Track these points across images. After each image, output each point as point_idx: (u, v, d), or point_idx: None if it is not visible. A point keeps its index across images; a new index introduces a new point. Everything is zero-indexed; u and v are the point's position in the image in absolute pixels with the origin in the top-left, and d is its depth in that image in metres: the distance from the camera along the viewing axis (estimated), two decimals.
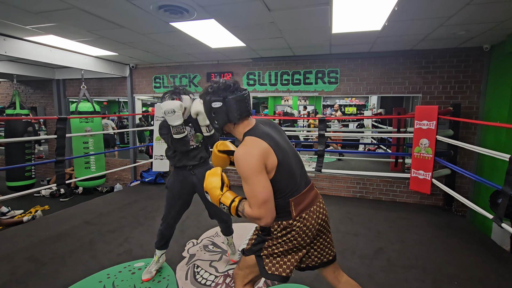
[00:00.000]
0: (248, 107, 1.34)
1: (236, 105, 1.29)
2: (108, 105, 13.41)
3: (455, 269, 2.37)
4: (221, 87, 1.30)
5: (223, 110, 1.29)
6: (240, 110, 1.29)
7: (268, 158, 1.21)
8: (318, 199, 1.39)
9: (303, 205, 1.30)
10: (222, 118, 1.31)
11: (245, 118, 1.33)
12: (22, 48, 3.79)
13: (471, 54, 3.81)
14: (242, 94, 1.31)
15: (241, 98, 1.30)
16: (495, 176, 3.36)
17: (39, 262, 2.39)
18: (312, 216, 1.31)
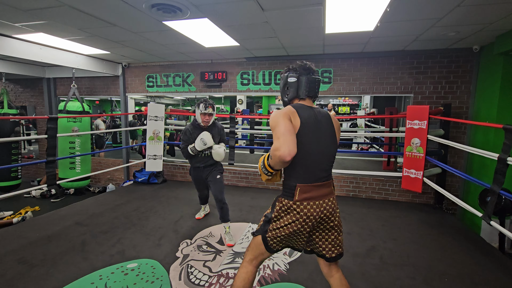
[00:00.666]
0: (315, 90, 1.52)
1: (306, 83, 1.49)
2: (100, 104, 13.24)
3: (445, 266, 2.41)
4: (299, 66, 1.53)
5: (295, 86, 1.50)
6: (308, 89, 1.49)
7: (294, 118, 1.37)
8: (329, 197, 1.45)
9: (308, 195, 1.39)
10: (292, 92, 1.51)
11: (310, 98, 1.52)
12: (11, 46, 3.71)
13: (461, 55, 3.88)
14: (314, 77, 1.50)
15: (312, 80, 1.50)
16: (484, 175, 3.43)
17: (29, 264, 2.35)
18: (315, 208, 1.39)
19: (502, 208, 2.65)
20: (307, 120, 1.40)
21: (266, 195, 4.37)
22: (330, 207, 1.44)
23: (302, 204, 1.39)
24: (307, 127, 1.38)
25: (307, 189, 1.40)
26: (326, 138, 1.45)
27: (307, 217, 1.39)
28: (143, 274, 2.23)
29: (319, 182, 1.42)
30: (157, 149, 4.69)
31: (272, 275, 2.26)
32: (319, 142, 1.42)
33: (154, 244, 2.72)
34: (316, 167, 1.42)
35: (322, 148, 1.43)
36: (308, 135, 1.38)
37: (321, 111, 1.50)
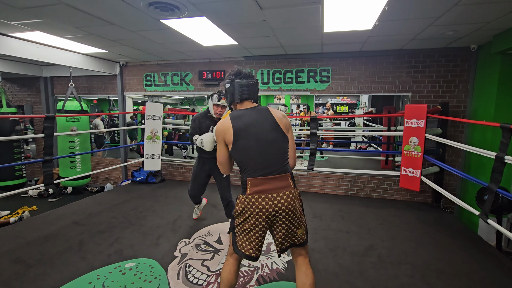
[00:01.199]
0: (249, 92, 1.61)
1: (239, 87, 1.59)
2: (98, 103, 13.17)
3: (443, 264, 2.42)
4: (233, 72, 1.64)
5: (230, 91, 1.63)
6: (241, 92, 1.59)
7: (226, 134, 1.53)
8: (284, 190, 1.48)
9: (259, 188, 1.46)
10: (229, 97, 1.65)
11: (245, 100, 1.61)
12: (8, 44, 3.68)
13: (459, 54, 3.89)
14: (247, 80, 1.60)
15: (244, 84, 1.59)
16: (482, 174, 3.45)
17: (26, 264, 2.34)
18: (267, 201, 1.45)
19: (499, 207, 2.67)
20: (241, 126, 1.51)
21: None
22: (286, 201, 1.46)
23: (254, 197, 1.46)
24: (241, 133, 1.50)
25: (257, 182, 1.47)
26: (266, 133, 1.51)
27: (259, 210, 1.45)
28: (141, 274, 2.22)
29: (270, 175, 1.48)
30: (155, 149, 4.68)
31: (270, 274, 2.26)
32: (259, 139, 1.49)
33: (152, 244, 2.71)
34: (263, 161, 1.48)
35: (264, 143, 1.49)
36: (245, 138, 1.50)
37: (260, 109, 1.58)
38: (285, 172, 1.51)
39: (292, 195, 1.49)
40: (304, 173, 4.61)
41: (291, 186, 1.51)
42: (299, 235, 1.55)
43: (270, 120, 1.54)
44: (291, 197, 1.48)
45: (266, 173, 1.47)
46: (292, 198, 1.49)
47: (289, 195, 1.48)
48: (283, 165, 1.52)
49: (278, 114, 1.58)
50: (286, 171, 1.52)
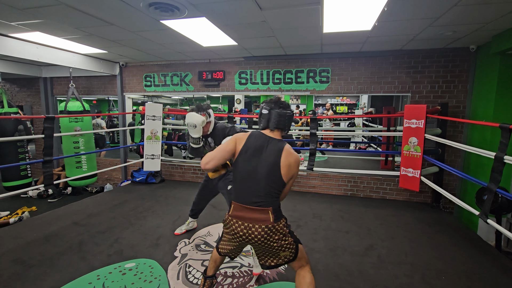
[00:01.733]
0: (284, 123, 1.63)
1: (276, 117, 1.61)
2: (97, 104, 13.18)
3: (442, 264, 2.43)
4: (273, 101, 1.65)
5: (266, 117, 1.64)
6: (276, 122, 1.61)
7: (239, 144, 1.59)
8: (261, 223, 1.49)
9: (238, 214, 1.54)
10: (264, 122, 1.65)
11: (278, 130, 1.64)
12: (7, 45, 3.68)
13: (458, 55, 3.90)
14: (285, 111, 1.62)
15: (282, 114, 1.61)
16: (481, 174, 3.45)
17: (26, 264, 2.34)
18: (242, 228, 1.52)
19: (498, 207, 2.67)
20: (251, 147, 1.56)
21: None
22: (260, 234, 1.48)
23: (232, 220, 1.55)
24: (246, 153, 1.56)
25: (238, 207, 1.55)
26: (264, 168, 1.53)
27: (235, 233, 1.55)
28: (141, 274, 2.23)
29: (249, 205, 1.51)
30: (155, 149, 4.68)
31: (270, 274, 2.26)
32: (255, 169, 1.53)
33: (152, 244, 2.71)
34: (249, 190, 1.53)
35: (257, 174, 1.53)
36: (245, 160, 1.56)
37: (277, 145, 1.57)
38: (267, 206, 1.51)
39: (268, 230, 1.48)
40: (304, 173, 4.61)
41: (269, 221, 1.49)
42: (282, 256, 1.58)
43: (274, 159, 1.53)
44: (266, 231, 1.48)
45: (247, 202, 1.52)
46: (267, 232, 1.48)
47: (264, 229, 1.48)
48: (268, 201, 1.52)
49: (289, 159, 1.54)
50: (269, 205, 1.52)
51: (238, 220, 1.53)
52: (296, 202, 4.00)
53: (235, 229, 1.53)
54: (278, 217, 1.54)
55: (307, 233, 3.00)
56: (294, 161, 1.57)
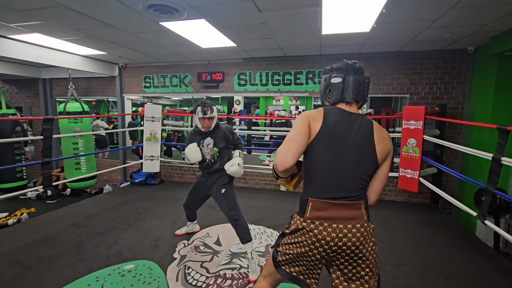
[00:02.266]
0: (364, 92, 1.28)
1: (354, 85, 1.25)
2: (96, 105, 13.16)
3: (441, 265, 2.43)
4: (345, 65, 1.29)
5: (339, 87, 1.27)
6: (356, 91, 1.25)
7: (315, 122, 1.21)
8: (353, 222, 1.16)
9: (322, 214, 1.18)
10: (336, 95, 1.28)
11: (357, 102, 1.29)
12: (6, 46, 3.68)
13: (456, 56, 3.92)
14: (364, 77, 1.27)
15: (361, 81, 1.26)
16: (479, 175, 3.46)
17: (24, 266, 2.33)
18: (329, 231, 1.15)
19: (496, 208, 2.68)
20: (332, 125, 1.20)
21: (263, 196, 4.38)
22: (355, 236, 1.14)
23: (313, 223, 1.17)
24: (328, 134, 1.19)
25: (321, 205, 1.18)
26: (355, 150, 1.19)
27: (317, 240, 1.16)
28: (140, 276, 2.22)
29: (338, 200, 1.17)
30: (154, 150, 4.68)
31: None
32: (342, 154, 1.19)
33: (151, 245, 2.71)
34: (335, 181, 1.18)
35: (346, 160, 1.18)
36: (327, 143, 1.19)
37: (363, 120, 1.24)
38: (359, 200, 1.20)
39: (364, 230, 1.17)
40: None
41: (364, 219, 1.19)
42: (371, 285, 1.19)
43: (366, 137, 1.21)
44: (362, 232, 1.16)
45: (334, 197, 1.17)
46: (364, 233, 1.16)
47: (360, 229, 1.16)
48: (359, 193, 1.20)
49: (382, 134, 1.24)
50: (360, 199, 1.20)
51: (323, 221, 1.16)
52: (295, 203, 4.00)
53: (317, 234, 1.15)
54: (369, 216, 1.24)
55: None
56: (388, 136, 1.27)
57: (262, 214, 3.58)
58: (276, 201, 4.11)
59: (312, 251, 1.18)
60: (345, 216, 1.16)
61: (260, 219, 3.41)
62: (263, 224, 3.27)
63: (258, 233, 3.02)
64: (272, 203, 4.01)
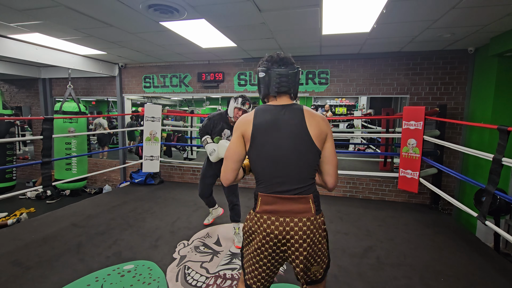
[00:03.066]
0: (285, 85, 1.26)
1: (276, 78, 1.26)
2: (96, 105, 13.16)
3: (441, 266, 2.43)
4: (267, 59, 1.29)
5: (264, 81, 1.29)
6: (278, 85, 1.26)
7: (246, 129, 1.24)
8: (299, 216, 1.18)
9: (270, 207, 1.21)
10: (263, 89, 1.30)
11: (283, 94, 1.28)
12: (6, 46, 3.68)
13: (457, 56, 3.92)
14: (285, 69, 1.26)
15: (283, 73, 1.26)
16: (479, 175, 3.46)
17: (24, 266, 2.33)
18: (277, 225, 1.18)
19: (497, 208, 2.68)
20: (263, 124, 1.22)
21: None
22: (300, 229, 1.16)
23: (263, 217, 1.20)
24: (260, 134, 1.22)
25: (269, 200, 1.21)
26: (290, 142, 1.19)
27: (266, 234, 1.19)
28: (140, 276, 2.22)
29: (285, 194, 1.19)
30: (154, 150, 4.67)
31: None
32: (279, 148, 1.20)
33: (151, 246, 2.71)
34: (278, 176, 1.20)
35: (283, 154, 1.19)
36: (262, 143, 1.21)
37: (292, 109, 1.24)
38: (306, 194, 1.20)
39: (310, 224, 1.18)
40: None
41: (311, 212, 1.19)
42: (312, 272, 1.23)
43: (298, 125, 1.20)
44: (309, 226, 1.17)
45: (280, 191, 1.19)
46: (310, 227, 1.17)
47: (306, 222, 1.17)
48: (305, 185, 1.20)
49: (314, 118, 1.22)
50: (308, 192, 1.20)
51: (271, 215, 1.19)
52: None
53: (266, 228, 1.18)
54: (319, 209, 1.23)
55: None
56: (322, 118, 1.24)
57: None
58: None
59: (264, 245, 1.20)
60: (292, 210, 1.19)
61: None
62: None
63: None
64: None
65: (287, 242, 1.19)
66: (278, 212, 1.19)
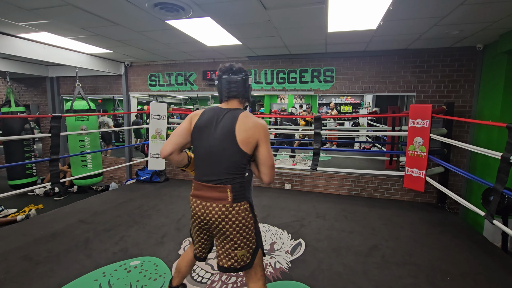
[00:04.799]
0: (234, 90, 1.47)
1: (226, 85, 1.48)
2: (102, 103, 13.29)
3: (447, 265, 2.41)
4: (222, 68, 1.50)
5: (219, 88, 1.52)
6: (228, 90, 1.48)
7: (192, 121, 1.48)
8: (218, 202, 1.38)
9: (198, 192, 1.45)
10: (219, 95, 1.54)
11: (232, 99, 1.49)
12: (15, 45, 3.74)
13: (465, 54, 3.86)
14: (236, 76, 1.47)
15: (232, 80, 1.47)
16: (487, 174, 3.42)
17: (33, 261, 2.38)
18: (200, 208, 1.43)
19: (505, 207, 2.64)
20: (204, 121, 1.44)
21: (268, 194, 4.38)
22: (216, 213, 1.37)
23: (193, 199, 1.47)
24: (200, 129, 1.44)
25: (197, 186, 1.46)
26: (218, 141, 1.38)
27: (195, 214, 1.46)
28: (146, 272, 2.25)
29: (208, 183, 1.41)
30: (160, 148, 4.70)
31: (274, 273, 2.27)
32: (209, 144, 1.41)
33: (157, 242, 2.74)
34: (205, 167, 1.43)
35: (212, 150, 1.40)
36: (199, 136, 1.44)
37: (231, 114, 1.41)
38: (225, 184, 1.38)
39: (225, 210, 1.37)
40: (308, 173, 4.61)
41: (228, 200, 1.37)
42: (239, 257, 1.41)
43: (229, 128, 1.37)
44: (223, 212, 1.37)
45: (205, 180, 1.42)
46: (225, 213, 1.37)
47: (221, 208, 1.37)
48: (226, 178, 1.38)
49: (245, 124, 1.38)
50: (227, 183, 1.38)
51: (197, 199, 1.43)
52: (299, 202, 4.00)
53: (194, 209, 1.45)
54: (239, 199, 1.39)
55: (311, 233, 3.00)
56: (254, 125, 1.38)
57: (267, 212, 3.59)
58: (281, 199, 4.11)
59: (194, 222, 1.50)
60: (212, 196, 1.40)
61: (265, 217, 3.42)
62: (268, 222, 3.27)
63: (262, 231, 3.03)
64: (277, 202, 4.01)
65: (208, 222, 1.43)
66: (202, 197, 1.42)
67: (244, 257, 1.41)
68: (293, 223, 3.26)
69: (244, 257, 1.42)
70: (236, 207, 1.39)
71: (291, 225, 3.20)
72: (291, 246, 2.71)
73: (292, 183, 4.74)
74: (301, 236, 2.91)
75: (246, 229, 1.41)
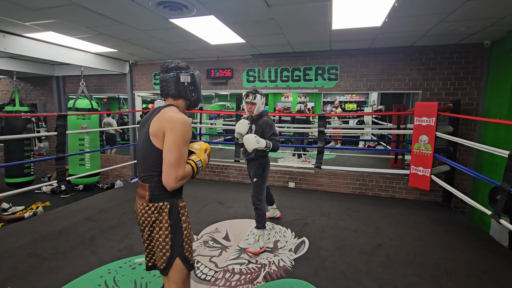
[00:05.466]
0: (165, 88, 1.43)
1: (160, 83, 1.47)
2: (108, 102, 13.39)
3: (453, 264, 2.39)
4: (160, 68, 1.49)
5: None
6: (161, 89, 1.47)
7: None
8: (141, 200, 1.38)
9: (137, 190, 1.45)
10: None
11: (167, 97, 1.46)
12: (22, 44, 3.78)
13: (472, 51, 3.80)
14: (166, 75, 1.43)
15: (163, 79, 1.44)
16: (494, 173, 3.37)
17: (40, 257, 2.42)
18: (136, 204, 1.44)
19: None
20: (142, 120, 1.47)
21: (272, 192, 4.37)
22: (141, 212, 1.37)
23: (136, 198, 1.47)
24: (139, 127, 1.49)
25: (137, 184, 1.46)
26: (142, 138, 1.38)
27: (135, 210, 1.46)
28: None
29: (139, 180, 1.42)
30: None
31: (278, 271, 2.27)
32: (139, 142, 1.43)
33: None
34: (138, 165, 1.46)
35: (139, 148, 1.42)
36: (138, 134, 1.50)
37: (158, 110, 1.37)
38: (145, 182, 1.36)
39: (142, 208, 1.36)
40: (312, 171, 4.59)
41: (145, 199, 1.35)
42: (157, 258, 1.41)
43: (147, 124, 1.36)
44: (141, 210, 1.37)
45: (138, 177, 1.44)
46: (142, 211, 1.36)
47: (143, 206, 1.36)
48: (148, 175, 1.35)
49: (160, 117, 1.32)
50: (147, 181, 1.35)
51: (136, 196, 1.45)
52: (303, 200, 3.99)
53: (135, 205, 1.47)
54: (157, 199, 1.34)
55: (315, 231, 2.99)
56: (165, 117, 1.30)
57: None
58: (285, 198, 4.11)
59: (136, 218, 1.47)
60: (139, 193, 1.41)
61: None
62: (271, 220, 3.27)
63: (266, 229, 3.03)
64: (281, 200, 4.00)
65: (138, 219, 1.42)
66: (137, 194, 1.44)
67: (160, 260, 1.39)
68: (297, 221, 3.26)
69: (160, 260, 1.38)
70: (152, 207, 1.34)
71: (295, 223, 3.20)
72: (294, 244, 2.71)
73: (296, 181, 4.73)
74: (305, 235, 2.91)
75: (160, 231, 1.35)
